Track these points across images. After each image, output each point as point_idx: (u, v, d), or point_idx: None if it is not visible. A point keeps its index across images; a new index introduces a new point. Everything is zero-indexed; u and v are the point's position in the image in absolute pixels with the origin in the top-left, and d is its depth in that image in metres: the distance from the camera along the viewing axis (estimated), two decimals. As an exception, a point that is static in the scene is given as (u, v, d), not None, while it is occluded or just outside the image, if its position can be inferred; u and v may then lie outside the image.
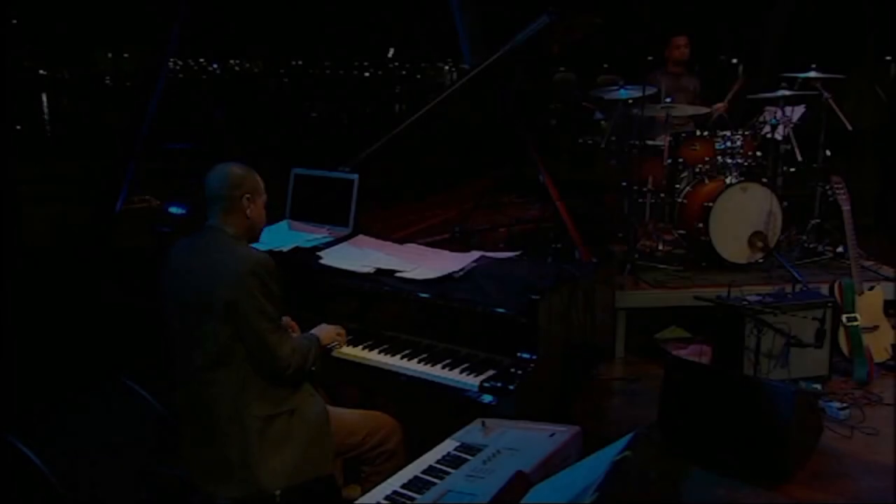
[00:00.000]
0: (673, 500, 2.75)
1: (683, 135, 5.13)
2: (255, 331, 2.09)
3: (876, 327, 4.30)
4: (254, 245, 2.58)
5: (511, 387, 2.12)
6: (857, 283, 4.28)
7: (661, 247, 5.20)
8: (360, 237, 2.77)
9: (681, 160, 5.13)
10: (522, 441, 1.90)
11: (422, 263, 2.48)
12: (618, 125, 5.13)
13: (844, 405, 3.73)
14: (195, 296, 2.13)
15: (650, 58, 5.31)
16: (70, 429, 2.63)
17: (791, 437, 3.08)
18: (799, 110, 5.53)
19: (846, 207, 4.41)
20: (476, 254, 2.52)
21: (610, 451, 1.57)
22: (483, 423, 1.99)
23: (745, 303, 3.99)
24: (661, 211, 5.30)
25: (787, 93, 5.02)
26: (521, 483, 1.60)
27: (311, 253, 2.61)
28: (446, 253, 2.59)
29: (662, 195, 5.09)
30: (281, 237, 2.75)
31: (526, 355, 2.19)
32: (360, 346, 2.42)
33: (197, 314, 2.12)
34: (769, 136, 5.21)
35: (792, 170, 5.33)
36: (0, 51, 4.40)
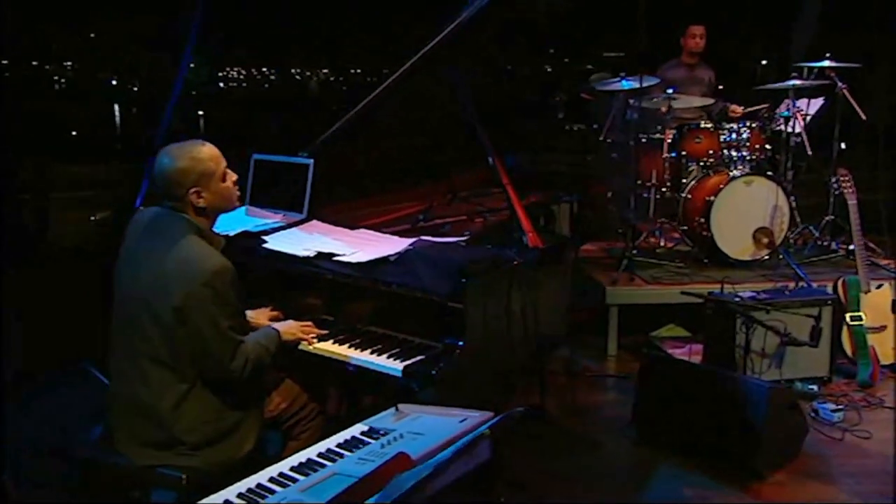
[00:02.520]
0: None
1: (687, 127, 4.96)
2: (204, 340, 2.00)
3: (883, 327, 4.08)
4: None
5: (433, 372, 2.06)
6: (863, 281, 4.07)
7: (663, 243, 5.05)
8: (313, 223, 2.74)
9: (684, 153, 4.97)
10: (429, 426, 1.84)
11: (364, 247, 2.45)
12: (617, 117, 5.00)
13: (839, 407, 3.55)
14: (142, 293, 2.04)
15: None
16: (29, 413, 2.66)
17: (764, 436, 2.93)
18: (817, 103, 5.31)
19: (852, 202, 4.20)
20: (415, 238, 2.47)
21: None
22: (397, 409, 1.94)
23: (737, 299, 3.84)
24: (666, 206, 5.14)
25: (797, 83, 4.82)
26: (399, 464, 1.55)
27: (257, 237, 2.60)
28: (395, 238, 2.55)
29: (664, 189, 4.94)
30: (233, 222, 2.74)
31: (453, 340, 2.13)
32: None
33: (142, 311, 2.04)
34: (781, 128, 5.01)
35: (802, 164, 5.13)
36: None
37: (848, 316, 4.03)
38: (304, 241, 2.57)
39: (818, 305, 3.82)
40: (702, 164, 4.96)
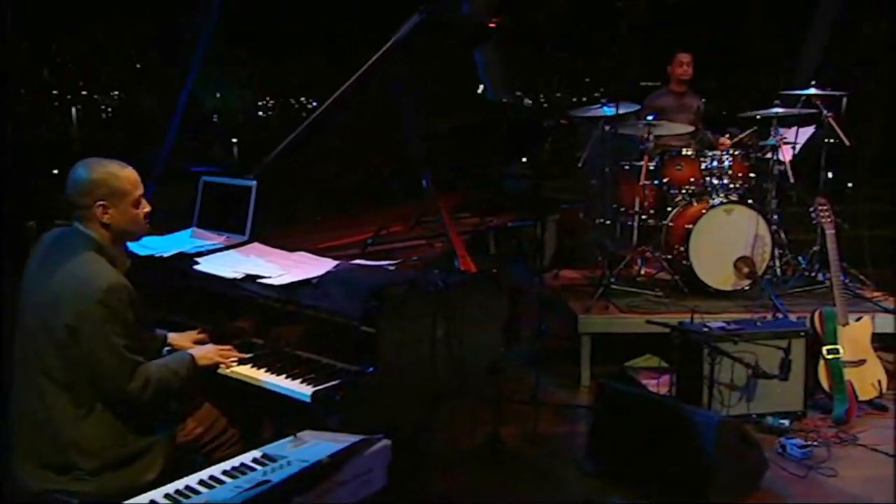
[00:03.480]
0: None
1: (668, 155, 4.91)
2: (98, 360, 1.96)
3: (862, 362, 3.95)
4: (137, 250, 2.61)
5: (337, 398, 2.03)
6: (840, 313, 3.96)
7: (643, 271, 4.98)
8: (254, 245, 2.73)
9: (666, 181, 4.92)
10: (319, 453, 1.81)
11: (293, 270, 2.44)
12: (597, 144, 4.96)
13: (807, 443, 3.43)
14: (39, 310, 2.04)
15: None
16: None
17: (716, 470, 2.84)
18: (807, 131, 5.22)
19: (830, 231, 4.11)
20: (340, 261, 2.45)
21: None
22: (294, 436, 1.91)
23: (704, 329, 3.75)
24: (650, 234, 5.07)
25: (780, 111, 4.75)
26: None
27: (190, 259, 2.60)
28: (328, 261, 2.53)
29: (643, 217, 4.87)
30: (173, 244, 2.75)
31: (365, 365, 2.10)
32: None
33: (38, 328, 2.03)
34: (768, 156, 4.93)
35: (791, 193, 5.04)
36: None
37: (825, 349, 3.91)
38: (237, 263, 2.57)
39: (789, 337, 3.71)
40: (685, 191, 4.90)
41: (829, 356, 3.90)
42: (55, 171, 5.59)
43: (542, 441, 3.62)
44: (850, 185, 7.25)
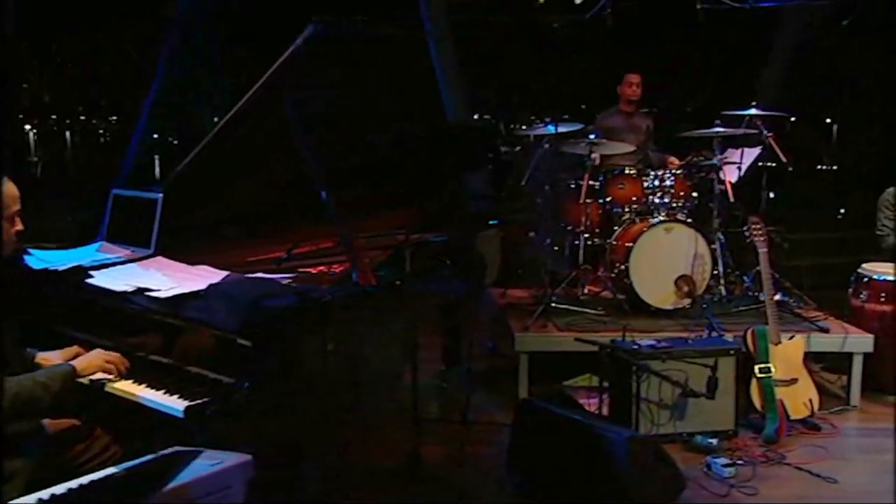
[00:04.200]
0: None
1: (611, 174, 4.93)
2: None
3: (794, 380, 3.94)
4: (33, 263, 2.57)
5: (207, 413, 1.99)
6: (772, 332, 3.95)
7: (587, 290, 4.96)
8: (158, 259, 2.70)
9: (609, 199, 4.93)
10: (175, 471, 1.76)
11: (185, 283, 2.40)
12: (541, 162, 4.96)
13: (731, 462, 3.40)
14: None
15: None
16: None
17: (625, 488, 2.80)
18: (753, 152, 5.26)
19: (763, 250, 4.11)
20: (211, 270, 2.43)
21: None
22: (158, 453, 1.87)
23: (634, 347, 3.74)
24: (596, 253, 5.07)
25: (720, 130, 4.78)
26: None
27: (85, 272, 2.56)
28: (222, 273, 2.50)
29: (586, 236, 4.87)
30: (74, 257, 2.71)
31: (239, 380, 2.06)
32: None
33: None
34: (711, 176, 4.95)
35: (738, 213, 5.05)
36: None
37: (756, 368, 3.90)
38: (133, 276, 2.53)
39: (717, 356, 3.70)
40: (629, 210, 4.91)
41: (761, 375, 3.88)
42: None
43: (468, 460, 3.57)
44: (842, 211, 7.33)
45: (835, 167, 9.15)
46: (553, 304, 4.62)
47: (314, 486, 2.28)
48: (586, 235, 4.90)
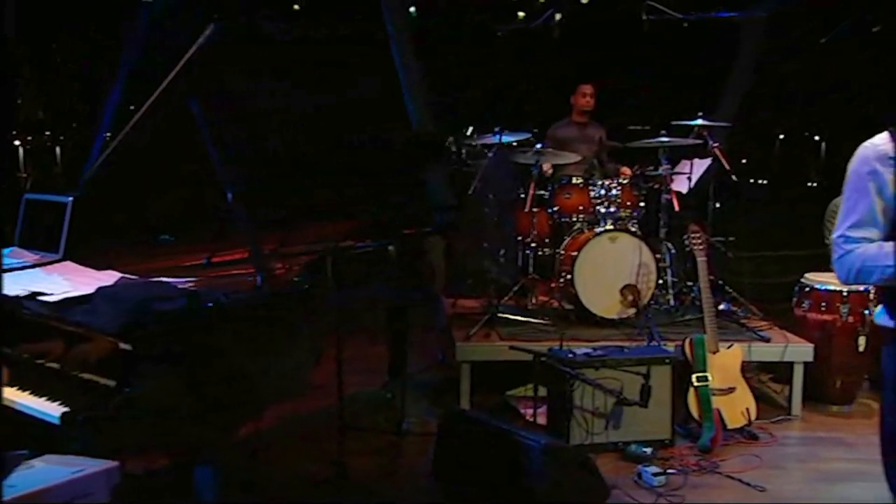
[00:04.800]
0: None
1: (558, 184, 4.93)
2: None
3: (732, 389, 3.93)
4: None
5: (79, 419, 1.94)
6: (710, 341, 3.94)
7: (534, 299, 4.94)
8: (65, 263, 2.66)
9: (556, 209, 4.93)
10: (31, 477, 1.72)
11: (81, 287, 2.36)
12: (490, 172, 4.95)
13: (661, 471, 3.37)
14: None
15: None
16: None
17: (542, 496, 2.76)
18: (703, 163, 5.27)
19: (702, 258, 4.11)
20: (117, 275, 2.38)
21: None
22: (26, 459, 1.82)
23: (569, 356, 3.71)
24: (546, 263, 5.06)
25: (665, 139, 4.80)
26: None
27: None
28: (117, 276, 2.45)
29: (534, 245, 4.86)
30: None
31: (120, 385, 2.01)
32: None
33: None
34: (658, 187, 4.96)
35: (687, 223, 5.05)
36: None
37: (694, 377, 3.88)
38: (35, 281, 2.48)
39: (651, 364, 3.68)
40: (578, 220, 4.91)
41: (699, 384, 3.86)
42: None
43: (399, 471, 3.53)
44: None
45: (817, 184, 9.14)
46: (499, 314, 4.60)
47: (212, 491, 2.23)
48: (534, 245, 4.90)
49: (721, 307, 4.71)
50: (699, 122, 4.91)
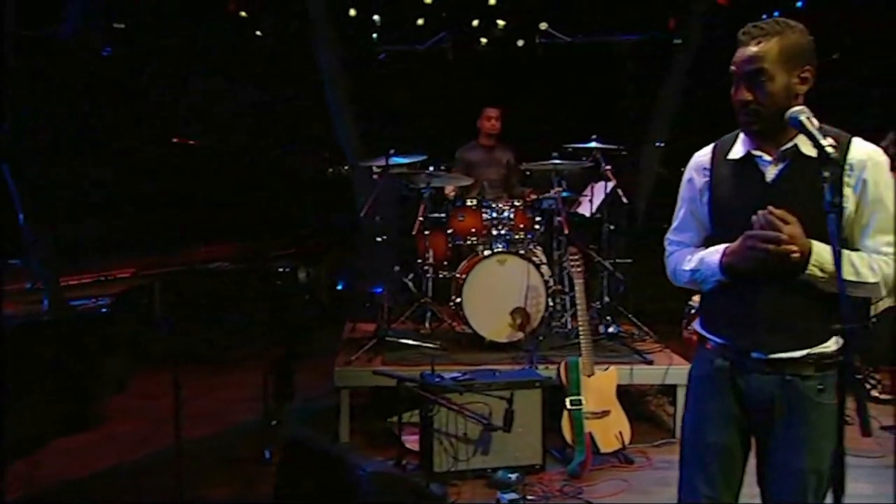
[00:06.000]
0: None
1: (452, 206, 4.92)
2: None
3: (606, 413, 3.90)
4: None
5: None
6: (585, 364, 3.91)
7: (429, 324, 4.90)
8: None
9: (450, 231, 4.91)
10: None
11: None
12: (382, 194, 4.93)
13: (520, 497, 3.32)
14: None
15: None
16: None
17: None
18: (603, 186, 5.28)
19: (579, 280, 4.10)
20: None
21: None
22: None
23: (437, 381, 3.66)
24: (443, 286, 5.02)
25: (557, 162, 4.81)
26: None
27: None
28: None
29: (428, 269, 4.83)
30: None
31: None
32: None
33: None
34: (554, 208, 4.96)
35: (594, 246, 5.07)
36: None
37: (568, 400, 3.85)
38: None
39: (518, 388, 3.64)
40: (471, 242, 4.89)
41: (572, 407, 3.83)
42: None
43: (245, 501, 3.45)
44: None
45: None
46: (388, 338, 4.54)
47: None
48: (430, 268, 4.87)
49: (611, 329, 4.70)
50: (593, 144, 4.93)
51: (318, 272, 4.96)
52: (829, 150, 1.74)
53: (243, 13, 6.54)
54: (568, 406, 3.83)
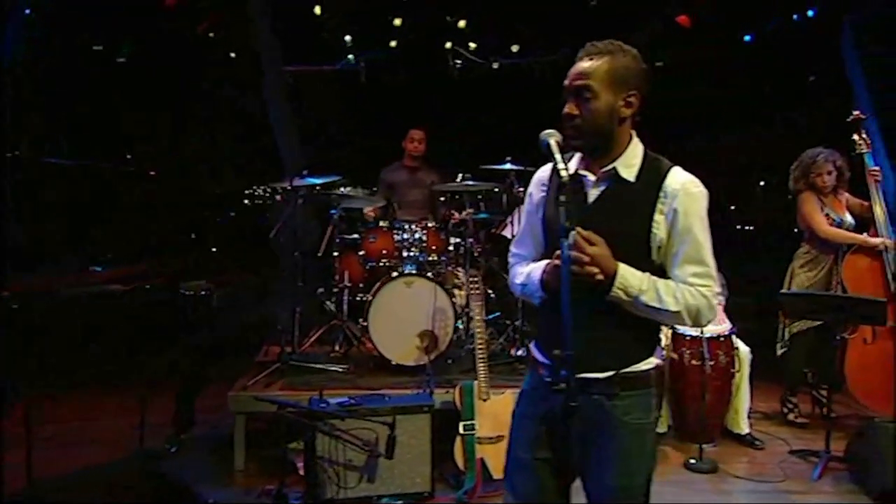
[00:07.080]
0: None
1: (364, 227, 4.88)
2: None
3: (500, 438, 3.81)
4: None
5: None
6: (481, 388, 3.84)
7: (338, 347, 4.82)
8: None
9: (362, 253, 4.85)
10: None
11: None
12: (293, 216, 4.87)
13: (395, 527, 3.23)
14: None
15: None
16: None
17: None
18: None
19: (477, 304, 4.04)
20: None
21: None
22: None
23: (321, 406, 3.58)
24: (359, 308, 4.95)
25: (470, 184, 4.78)
26: None
27: None
28: None
29: (347, 290, 4.77)
30: None
31: None
32: None
33: None
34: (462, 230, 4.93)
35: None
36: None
37: (461, 425, 3.77)
38: None
39: (404, 413, 3.56)
40: (382, 264, 4.83)
41: (465, 432, 3.76)
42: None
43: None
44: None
45: (750, 227, 8.92)
46: (293, 362, 4.46)
47: None
48: (343, 290, 4.80)
49: (520, 353, 4.64)
50: (508, 165, 4.91)
51: (232, 293, 4.89)
52: (563, 174, 1.83)
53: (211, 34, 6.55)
54: (461, 431, 3.75)
